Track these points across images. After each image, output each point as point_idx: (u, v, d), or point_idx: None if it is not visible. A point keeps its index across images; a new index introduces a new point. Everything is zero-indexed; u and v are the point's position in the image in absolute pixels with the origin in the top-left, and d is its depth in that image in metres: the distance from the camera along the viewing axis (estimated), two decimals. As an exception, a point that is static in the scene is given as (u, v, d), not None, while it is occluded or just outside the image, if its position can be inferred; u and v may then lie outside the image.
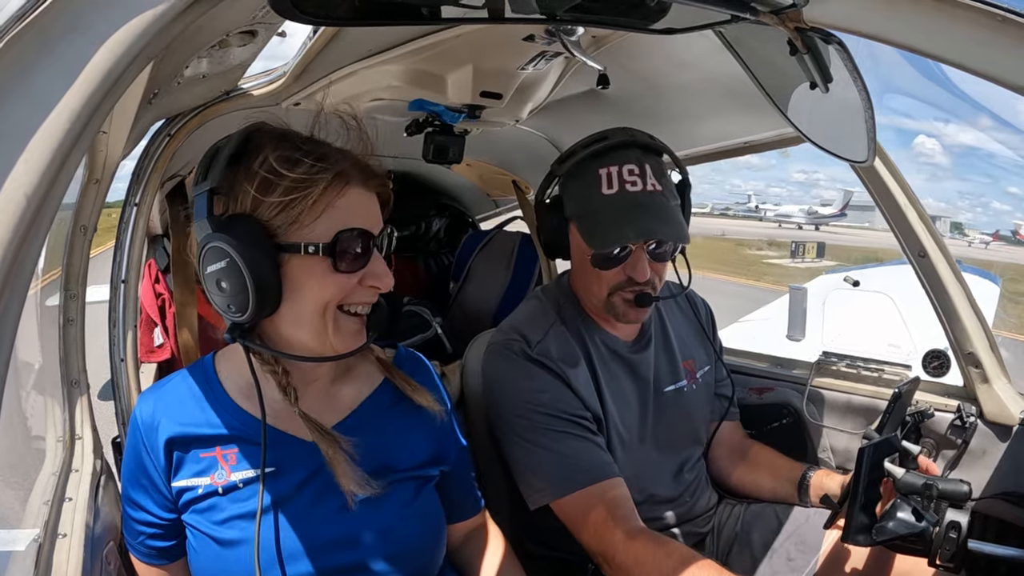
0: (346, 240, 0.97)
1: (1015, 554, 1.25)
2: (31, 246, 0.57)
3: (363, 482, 1.05)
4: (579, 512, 1.35)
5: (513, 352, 1.46)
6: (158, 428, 1.05)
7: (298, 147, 0.98)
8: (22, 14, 0.55)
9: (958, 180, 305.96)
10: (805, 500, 1.57)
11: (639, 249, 1.41)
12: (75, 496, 1.22)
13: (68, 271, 1.49)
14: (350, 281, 0.99)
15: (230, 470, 1.04)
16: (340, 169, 0.98)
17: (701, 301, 1.80)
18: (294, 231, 0.96)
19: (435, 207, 3.41)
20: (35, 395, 1.51)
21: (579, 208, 1.46)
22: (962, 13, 0.75)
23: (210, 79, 1.41)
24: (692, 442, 1.64)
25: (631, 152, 1.43)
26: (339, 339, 1.01)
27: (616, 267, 1.42)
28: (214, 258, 0.94)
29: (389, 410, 1.17)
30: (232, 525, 1.03)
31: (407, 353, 1.29)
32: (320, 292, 0.97)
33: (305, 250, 0.95)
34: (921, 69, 30.05)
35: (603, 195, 1.40)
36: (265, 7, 0.96)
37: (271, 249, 0.94)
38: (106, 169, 1.45)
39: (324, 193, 0.96)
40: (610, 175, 1.40)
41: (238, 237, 0.92)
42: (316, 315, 0.99)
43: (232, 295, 0.94)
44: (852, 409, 1.92)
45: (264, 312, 0.96)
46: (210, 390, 1.09)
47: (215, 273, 0.95)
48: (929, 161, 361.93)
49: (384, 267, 1.02)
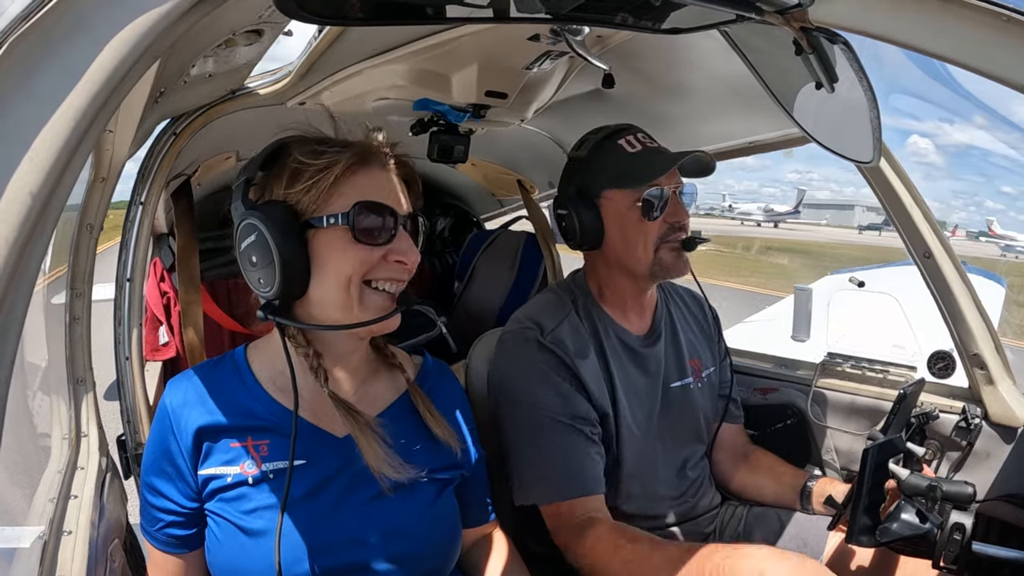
0: (365, 211, 1.02)
1: (1019, 556, 1.24)
2: (36, 245, 0.58)
3: (396, 464, 1.08)
4: (558, 518, 1.41)
5: (526, 339, 1.48)
6: (188, 417, 1.06)
7: (323, 142, 1.06)
8: (26, 15, 0.55)
9: (952, 179, 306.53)
10: (807, 507, 1.57)
11: (673, 194, 1.48)
12: (80, 494, 1.23)
13: (74, 269, 1.50)
14: (372, 254, 1.03)
15: (261, 460, 1.05)
16: (359, 150, 1.05)
17: (709, 305, 1.80)
18: (319, 208, 1.02)
19: (440, 206, 3.42)
20: (41, 393, 1.52)
21: (610, 173, 1.50)
22: (967, 13, 0.75)
23: (216, 78, 1.41)
24: (695, 439, 1.65)
25: (634, 128, 1.54)
26: (365, 314, 1.05)
27: (661, 214, 1.46)
28: (246, 234, 1.02)
29: (415, 414, 1.19)
30: (259, 515, 1.04)
31: (434, 364, 1.31)
32: (342, 263, 1.02)
33: (327, 222, 1.01)
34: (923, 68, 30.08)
35: (630, 153, 1.49)
36: (271, 6, 0.97)
37: (297, 226, 1.01)
38: (112, 168, 1.46)
39: (345, 171, 1.03)
40: (629, 141, 1.50)
41: (267, 214, 1.00)
42: (342, 289, 1.03)
43: (261, 268, 1.01)
44: (856, 410, 1.91)
45: (292, 288, 1.02)
46: (242, 381, 1.11)
47: (248, 249, 1.02)
48: (923, 160, 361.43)
49: (410, 244, 1.07)
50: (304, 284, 1.02)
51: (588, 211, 1.51)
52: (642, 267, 1.50)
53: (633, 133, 1.51)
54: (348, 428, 1.07)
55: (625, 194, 1.47)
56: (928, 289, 1.72)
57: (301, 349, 1.09)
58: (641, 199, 1.45)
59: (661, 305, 1.65)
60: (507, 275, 2.87)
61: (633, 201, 1.46)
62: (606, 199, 1.50)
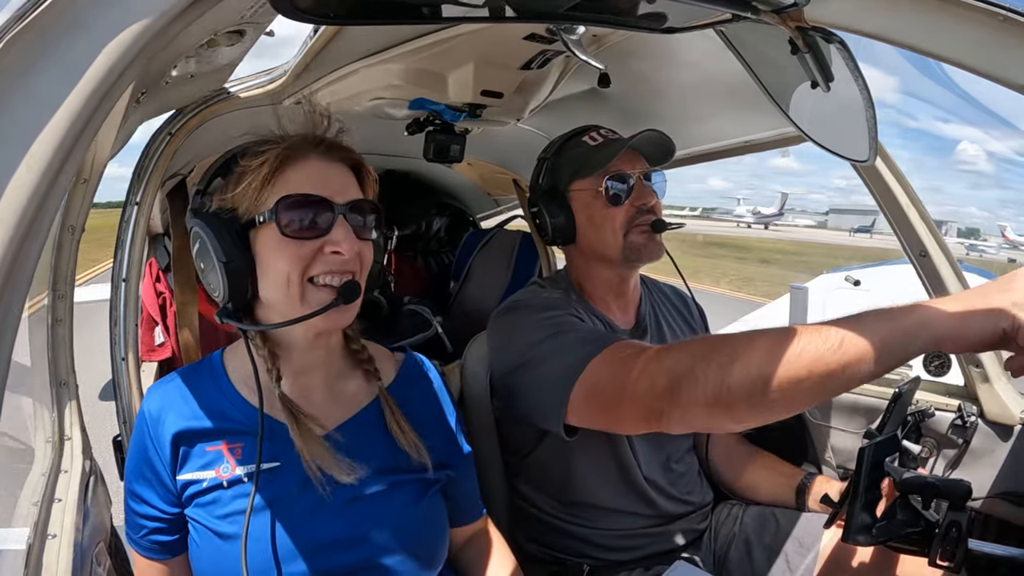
0: (290, 205, 1.00)
1: (1016, 554, 1.24)
2: (32, 245, 0.57)
3: (345, 467, 1.05)
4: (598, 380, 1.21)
5: (527, 290, 1.53)
6: (165, 422, 1.06)
7: (263, 141, 1.04)
8: (22, 14, 0.55)
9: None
10: (803, 505, 1.58)
11: (638, 179, 1.50)
12: (64, 497, 1.22)
13: (56, 272, 1.49)
14: (305, 248, 1.00)
15: (235, 464, 1.04)
16: (289, 143, 1.03)
17: (694, 302, 1.81)
18: (254, 207, 1.01)
19: (436, 206, 3.41)
20: (24, 396, 1.51)
21: (574, 165, 1.53)
22: (964, 12, 0.75)
23: (198, 79, 1.41)
24: (679, 435, 1.64)
25: (600, 126, 1.58)
26: (307, 310, 1.02)
27: (626, 200, 1.49)
28: (193, 241, 1.03)
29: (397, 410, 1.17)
30: (233, 520, 1.02)
31: (412, 364, 1.28)
32: (278, 262, 1.00)
33: (258, 220, 1.00)
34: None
35: (592, 146, 1.53)
36: (253, 6, 0.97)
37: (236, 228, 1.01)
38: (94, 169, 1.45)
39: (274, 167, 1.01)
40: (592, 136, 1.55)
41: (208, 219, 1.01)
42: (282, 287, 1.01)
43: (209, 273, 1.02)
44: (853, 409, 1.91)
45: (240, 290, 1.02)
46: (217, 384, 1.10)
47: (196, 257, 1.04)
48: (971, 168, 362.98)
49: (346, 233, 1.02)
50: (253, 286, 1.02)
51: (558, 206, 1.54)
52: (613, 252, 1.51)
53: (596, 129, 1.56)
54: (291, 431, 1.05)
55: (589, 182, 1.50)
56: (924, 287, 1.73)
57: (260, 351, 1.08)
58: (603, 185, 1.48)
59: (645, 300, 1.66)
60: (503, 275, 2.86)
61: (597, 188, 1.49)
62: (574, 191, 1.53)
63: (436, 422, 1.24)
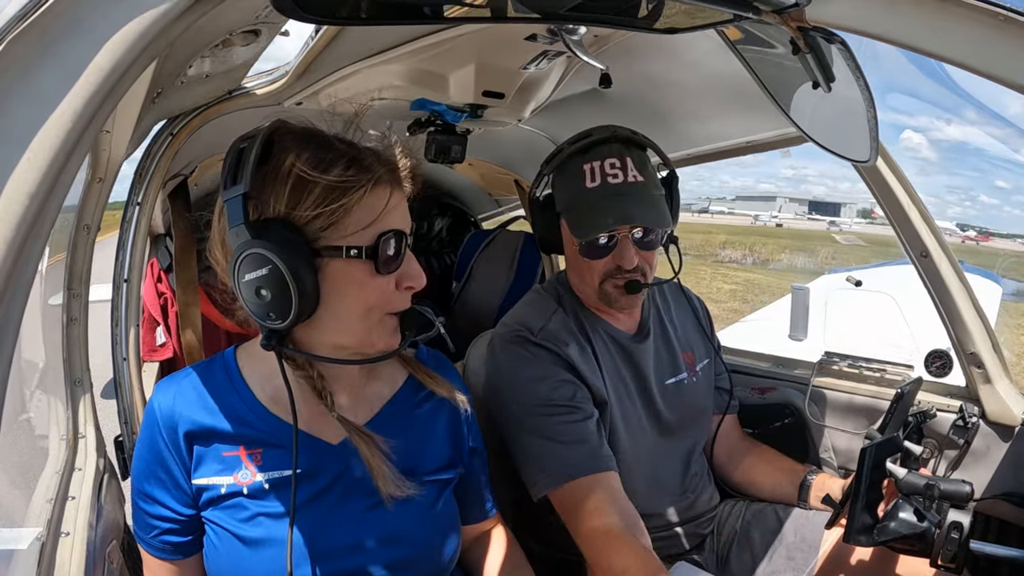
0: (386, 242, 0.97)
1: (1017, 555, 1.24)
2: (34, 245, 0.58)
3: (400, 483, 1.06)
4: (573, 503, 1.34)
5: (515, 342, 1.48)
6: (178, 420, 1.03)
7: (327, 147, 0.97)
8: (23, 14, 0.55)
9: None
10: (805, 502, 1.57)
11: (625, 238, 1.45)
12: (78, 495, 1.22)
13: (71, 270, 1.50)
14: (389, 283, 0.99)
15: (256, 471, 1.02)
16: (378, 173, 0.97)
17: (696, 297, 1.80)
18: (333, 234, 0.94)
19: (437, 206, 3.42)
20: (39, 394, 1.51)
21: (566, 202, 1.52)
22: (964, 12, 0.75)
23: (213, 78, 1.41)
24: (695, 432, 1.65)
25: (612, 147, 1.48)
26: (381, 339, 1.01)
27: (605, 256, 1.47)
28: (253, 265, 0.91)
29: (412, 411, 1.17)
30: (258, 523, 1.01)
31: (428, 351, 1.29)
32: (363, 295, 0.97)
33: (347, 253, 0.94)
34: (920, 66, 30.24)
35: (587, 188, 1.46)
36: (268, 6, 0.96)
37: (310, 254, 0.93)
38: (109, 168, 1.46)
39: (364, 196, 0.95)
40: (592, 170, 1.46)
41: (278, 243, 0.90)
42: (359, 318, 0.98)
43: (273, 302, 0.92)
44: (854, 409, 1.91)
45: (303, 318, 0.94)
46: (234, 387, 1.07)
47: (255, 281, 0.92)
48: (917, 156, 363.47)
49: (418, 267, 1.03)
50: (313, 311, 0.95)
51: (550, 223, 1.55)
52: (590, 291, 1.52)
53: (602, 159, 1.46)
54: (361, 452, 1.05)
55: (571, 231, 1.50)
56: (925, 288, 1.73)
57: (301, 372, 1.05)
58: (580, 244, 1.47)
59: (648, 302, 1.65)
60: (505, 275, 2.87)
61: (577, 241, 1.48)
62: (562, 222, 1.53)
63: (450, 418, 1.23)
